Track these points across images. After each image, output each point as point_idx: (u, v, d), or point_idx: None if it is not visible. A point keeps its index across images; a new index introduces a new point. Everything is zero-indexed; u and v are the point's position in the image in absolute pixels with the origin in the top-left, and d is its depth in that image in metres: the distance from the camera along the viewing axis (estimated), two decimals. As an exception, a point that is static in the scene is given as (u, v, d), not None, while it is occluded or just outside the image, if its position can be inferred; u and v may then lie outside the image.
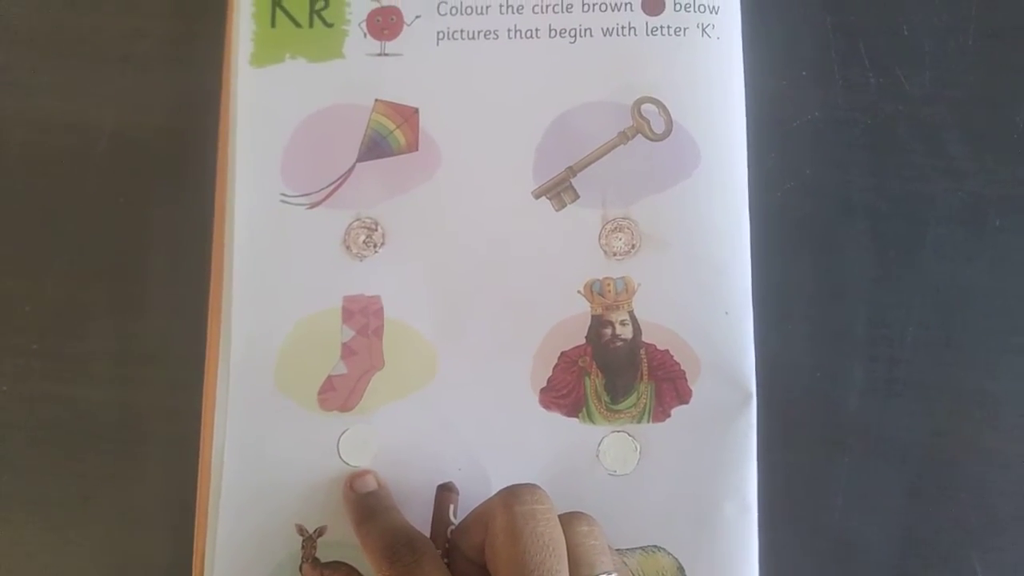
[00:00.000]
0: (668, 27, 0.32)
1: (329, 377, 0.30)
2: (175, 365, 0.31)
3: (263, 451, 0.30)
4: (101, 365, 0.32)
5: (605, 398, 0.30)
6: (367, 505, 0.28)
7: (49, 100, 0.33)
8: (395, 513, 0.27)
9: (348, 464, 0.30)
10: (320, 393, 0.30)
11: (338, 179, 0.32)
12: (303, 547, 0.29)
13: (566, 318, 0.30)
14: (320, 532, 0.29)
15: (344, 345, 0.31)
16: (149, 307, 0.32)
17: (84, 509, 0.31)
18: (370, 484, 0.29)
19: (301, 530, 0.29)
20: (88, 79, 0.33)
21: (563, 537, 0.23)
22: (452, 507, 0.28)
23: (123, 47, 0.34)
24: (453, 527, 0.27)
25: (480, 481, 0.29)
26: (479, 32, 0.32)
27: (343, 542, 0.29)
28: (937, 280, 0.31)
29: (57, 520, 0.31)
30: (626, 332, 0.30)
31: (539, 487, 0.24)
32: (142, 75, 0.33)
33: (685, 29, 0.31)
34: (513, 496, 0.23)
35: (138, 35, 0.34)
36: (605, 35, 0.32)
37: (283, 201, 0.31)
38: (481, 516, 0.24)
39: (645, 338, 0.30)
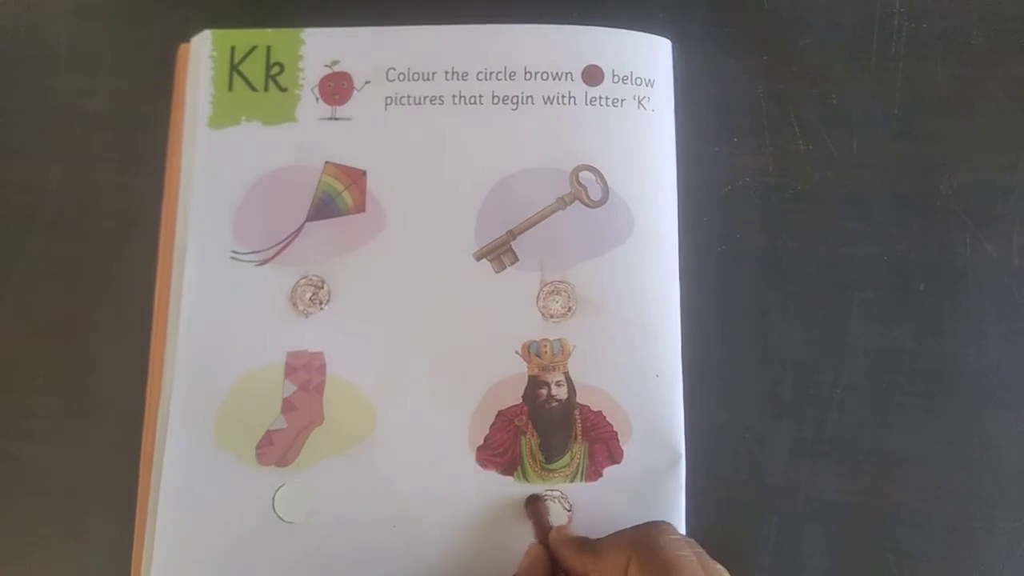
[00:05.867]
0: (606, 98, 0.33)
1: (268, 431, 0.31)
2: (115, 422, 0.32)
3: (198, 506, 0.30)
4: (41, 422, 0.32)
5: (540, 457, 0.31)
6: None
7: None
8: None
9: (283, 520, 0.30)
10: (259, 447, 0.31)
11: (287, 237, 0.33)
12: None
13: (504, 378, 0.31)
14: (254, 591, 0.30)
15: (285, 400, 0.31)
16: (90, 364, 0.33)
17: (22, 564, 0.31)
18: None
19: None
20: (35, 137, 0.34)
21: None
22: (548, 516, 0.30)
23: (71, 105, 0.35)
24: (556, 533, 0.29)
25: (414, 537, 0.30)
26: (425, 98, 0.33)
27: (275, 601, 0.30)
28: (863, 343, 0.32)
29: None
30: (561, 393, 0.31)
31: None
32: (88, 134, 0.34)
33: (622, 100, 0.33)
34: (657, 531, 0.26)
35: (85, 94, 0.35)
36: (546, 103, 0.33)
37: (233, 258, 0.32)
38: (615, 547, 0.26)
39: (579, 399, 0.31)
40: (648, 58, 0.33)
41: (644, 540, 0.25)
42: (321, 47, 0.34)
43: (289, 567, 0.30)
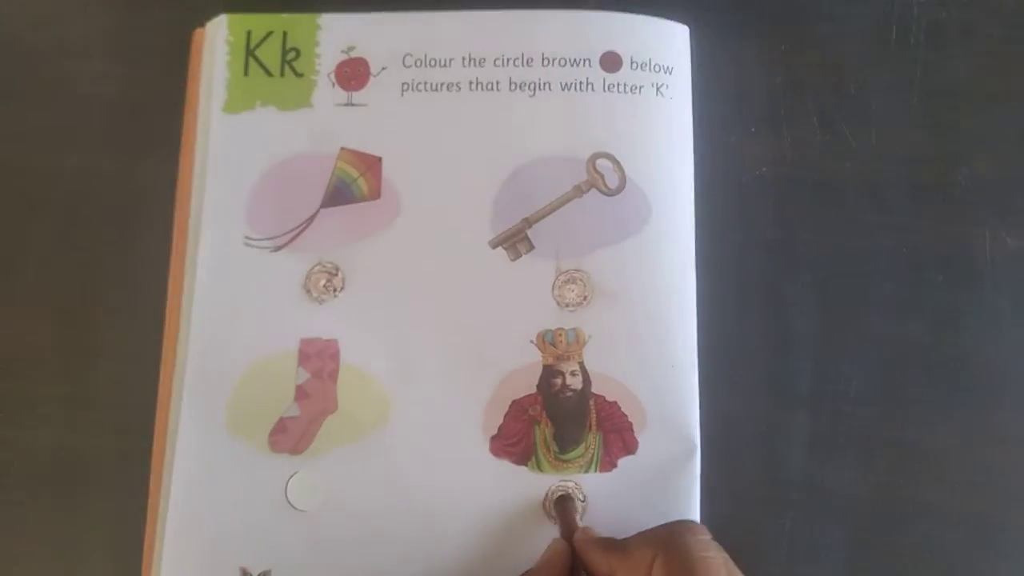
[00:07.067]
0: (624, 84, 0.33)
1: (281, 419, 0.31)
2: (127, 411, 0.32)
3: (210, 493, 0.30)
4: (50, 408, 0.32)
5: (554, 447, 0.31)
6: None
7: (6, 143, 0.34)
8: None
9: (295, 508, 0.30)
10: (272, 435, 0.31)
11: (302, 224, 0.32)
12: (248, 592, 0.29)
13: (518, 367, 0.31)
14: (265, 576, 0.30)
15: (298, 387, 0.31)
16: (100, 351, 0.32)
17: (27, 552, 0.31)
18: None
19: (245, 573, 0.29)
20: (49, 124, 0.34)
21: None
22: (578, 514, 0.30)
23: (85, 91, 0.34)
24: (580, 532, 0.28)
25: (427, 526, 0.30)
26: (442, 84, 0.33)
27: (288, 587, 0.29)
28: (881, 335, 0.32)
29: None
30: (576, 383, 0.31)
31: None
32: (102, 120, 0.34)
33: (640, 87, 0.32)
34: (687, 530, 0.25)
35: (99, 79, 0.34)
36: (564, 89, 0.33)
37: (247, 244, 0.32)
38: (641, 544, 0.26)
39: (594, 389, 0.31)
40: (666, 45, 0.33)
41: (671, 538, 0.25)
42: (338, 32, 0.33)
43: (301, 555, 0.30)
